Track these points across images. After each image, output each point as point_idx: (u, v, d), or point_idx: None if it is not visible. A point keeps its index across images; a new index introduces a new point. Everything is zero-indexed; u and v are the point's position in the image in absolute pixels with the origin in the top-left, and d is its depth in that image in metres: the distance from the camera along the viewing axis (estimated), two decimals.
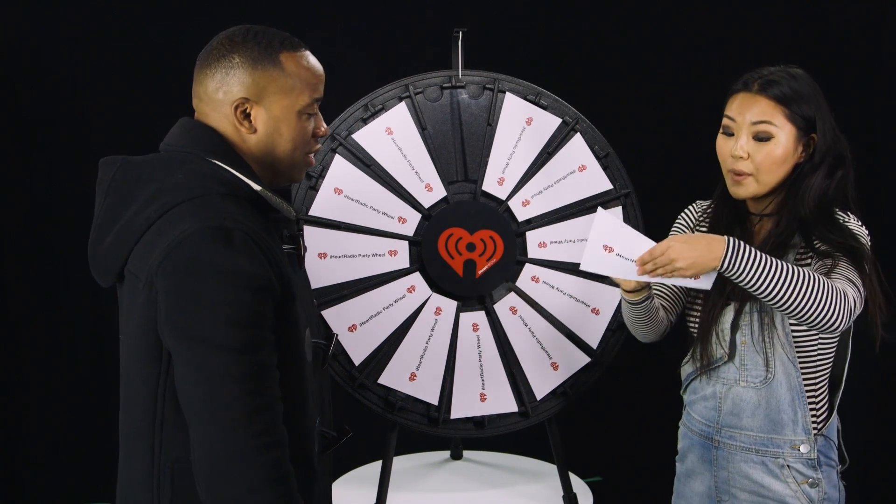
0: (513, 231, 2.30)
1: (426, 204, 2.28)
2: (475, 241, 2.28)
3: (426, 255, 2.26)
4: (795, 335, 1.83)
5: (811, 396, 1.85)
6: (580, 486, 2.44)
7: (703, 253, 1.70)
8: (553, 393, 2.32)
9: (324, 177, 2.24)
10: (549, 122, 2.34)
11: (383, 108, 2.29)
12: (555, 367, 2.32)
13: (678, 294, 2.04)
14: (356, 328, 2.24)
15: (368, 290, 2.25)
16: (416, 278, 2.28)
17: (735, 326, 1.86)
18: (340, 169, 2.25)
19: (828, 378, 1.89)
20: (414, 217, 2.27)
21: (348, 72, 2.98)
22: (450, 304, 2.29)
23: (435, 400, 2.28)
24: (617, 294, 2.32)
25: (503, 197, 2.31)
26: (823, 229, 1.81)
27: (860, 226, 1.86)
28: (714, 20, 3.12)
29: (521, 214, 2.31)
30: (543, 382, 2.32)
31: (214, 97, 1.49)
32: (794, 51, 3.15)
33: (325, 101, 1.60)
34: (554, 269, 2.33)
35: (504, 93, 2.33)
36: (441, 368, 2.28)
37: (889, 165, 3.19)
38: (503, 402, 2.30)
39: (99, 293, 2.88)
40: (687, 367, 2.00)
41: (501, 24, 3.07)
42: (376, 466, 2.44)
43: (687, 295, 2.02)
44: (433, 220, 2.27)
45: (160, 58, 2.93)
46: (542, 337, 2.32)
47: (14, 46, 2.90)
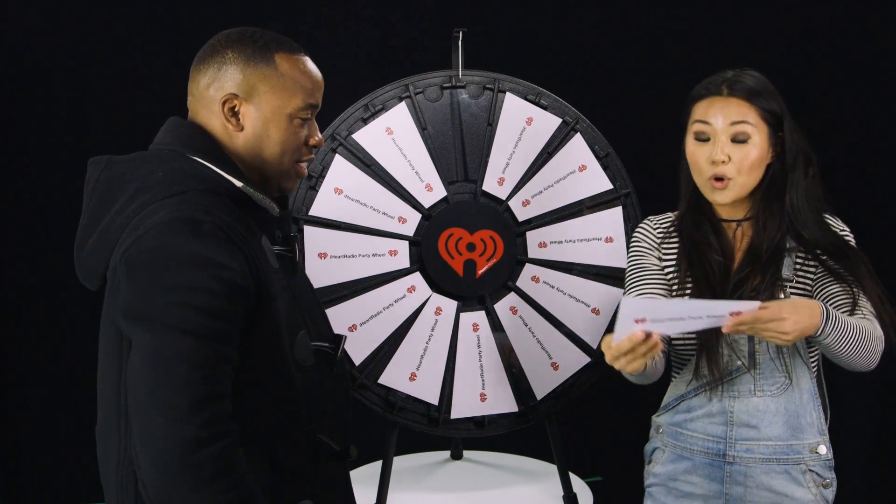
0: (513, 231, 2.30)
1: (426, 204, 2.28)
2: (475, 241, 2.28)
3: (426, 255, 2.26)
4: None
5: (819, 395, 1.84)
6: (580, 486, 2.44)
7: (807, 320, 1.63)
8: (553, 393, 2.33)
9: (324, 177, 2.24)
10: (549, 122, 2.34)
11: (383, 108, 2.29)
12: (555, 367, 2.32)
13: None
14: (356, 328, 2.24)
15: (368, 290, 2.25)
16: (417, 278, 2.28)
17: (757, 338, 1.78)
18: (340, 169, 2.25)
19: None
20: (414, 217, 2.28)
21: (348, 72, 2.98)
22: (450, 304, 2.29)
23: (435, 400, 2.28)
24: (617, 294, 2.31)
25: (503, 197, 2.31)
26: (819, 233, 1.80)
27: (844, 227, 1.87)
28: (714, 20, 3.12)
29: (522, 214, 2.31)
30: (543, 382, 2.32)
31: (206, 93, 1.46)
32: (794, 51, 3.15)
33: (325, 100, 1.57)
34: (554, 269, 2.33)
35: (504, 93, 2.33)
36: (441, 368, 2.28)
37: (887, 164, 3.19)
38: (503, 402, 2.30)
39: (96, 295, 2.88)
40: (679, 386, 1.88)
41: (501, 24, 3.07)
42: (376, 466, 2.44)
43: None
44: (433, 220, 2.27)
45: (159, 58, 2.93)
46: (542, 337, 2.32)
47: (14, 46, 2.90)
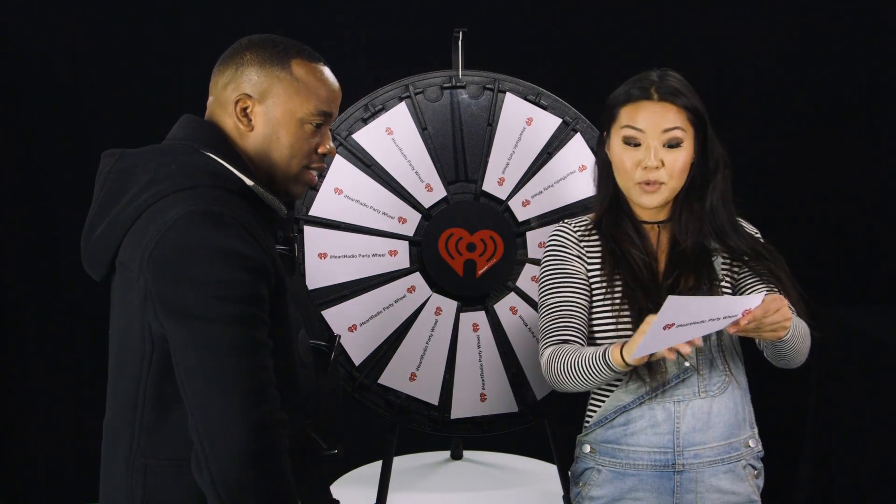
0: (513, 231, 2.30)
1: (426, 204, 2.28)
2: (475, 241, 2.28)
3: (426, 256, 2.26)
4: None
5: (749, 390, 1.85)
6: None
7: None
8: (553, 393, 2.32)
9: (324, 177, 2.24)
10: (549, 122, 2.34)
11: (383, 109, 2.29)
12: None
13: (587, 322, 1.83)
14: (356, 328, 2.24)
15: (368, 291, 2.25)
16: (417, 278, 2.28)
17: (703, 337, 1.72)
18: (341, 169, 2.25)
19: None
20: (414, 217, 2.27)
21: (348, 72, 2.97)
22: (450, 305, 2.29)
23: (435, 400, 2.28)
24: None
25: (503, 197, 2.31)
26: (735, 234, 1.81)
27: (755, 230, 1.89)
28: (715, 20, 3.12)
29: (522, 214, 2.31)
30: (543, 382, 2.32)
31: (223, 93, 1.49)
32: (793, 52, 3.15)
33: None
34: None
35: (504, 93, 2.33)
36: (441, 369, 2.28)
37: (887, 163, 3.20)
38: (503, 402, 2.30)
39: (98, 292, 2.88)
40: (620, 397, 1.78)
41: (501, 24, 3.07)
42: (376, 466, 2.44)
43: (590, 321, 1.82)
44: (433, 220, 2.27)
45: (160, 58, 2.93)
46: None
47: (14, 45, 2.89)
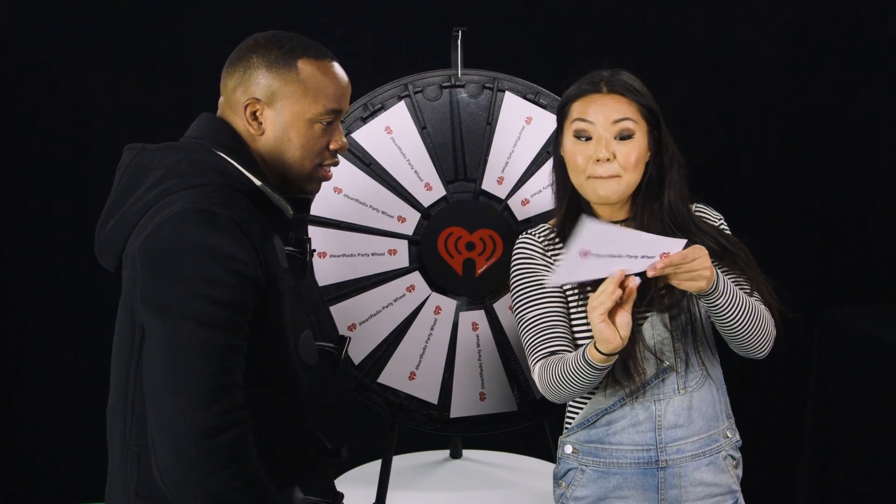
0: (512, 230, 2.30)
1: (426, 203, 2.28)
2: (474, 240, 2.28)
3: (426, 255, 2.26)
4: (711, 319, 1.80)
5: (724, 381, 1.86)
6: None
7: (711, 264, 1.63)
8: None
9: None
10: (548, 121, 2.33)
11: (382, 108, 2.29)
12: None
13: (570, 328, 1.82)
14: (356, 327, 2.24)
15: (368, 290, 2.25)
16: (416, 277, 2.28)
17: (675, 335, 1.77)
18: (340, 168, 2.21)
19: None
20: (413, 216, 2.27)
21: (347, 71, 2.97)
22: (449, 304, 2.29)
23: (434, 399, 2.28)
24: None
25: (503, 196, 2.31)
26: (697, 230, 1.79)
27: (719, 216, 1.89)
28: (714, 19, 3.12)
29: (521, 213, 2.31)
30: None
31: (232, 96, 1.50)
32: (792, 50, 3.15)
33: None
34: None
35: (503, 92, 2.33)
36: (441, 368, 2.28)
37: (886, 162, 3.20)
38: (503, 401, 2.30)
39: (99, 292, 2.88)
40: (601, 401, 1.78)
41: (501, 22, 3.07)
42: (376, 465, 2.44)
43: (571, 326, 1.81)
44: (433, 219, 2.27)
45: (159, 56, 2.93)
46: None
47: (14, 45, 2.89)
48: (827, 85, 3.16)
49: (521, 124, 2.33)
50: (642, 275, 1.60)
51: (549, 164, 2.31)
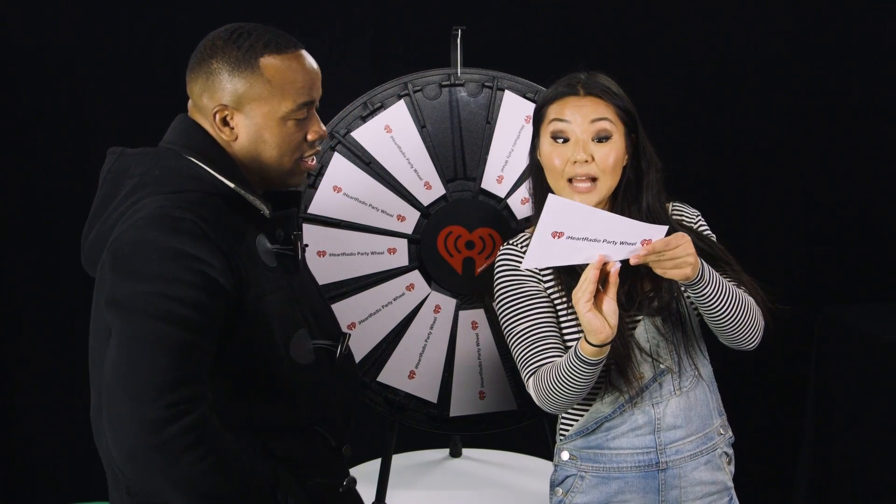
0: (512, 229, 2.30)
1: (425, 202, 2.28)
2: (474, 239, 2.28)
3: (425, 253, 2.26)
4: (699, 317, 1.81)
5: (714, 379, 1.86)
6: None
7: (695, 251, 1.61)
8: None
9: (322, 175, 2.24)
10: None
11: (382, 106, 2.29)
12: None
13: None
14: (355, 326, 2.24)
15: (367, 288, 2.25)
16: (416, 276, 2.28)
17: (667, 336, 1.76)
18: (339, 167, 2.25)
19: None
20: (413, 215, 2.28)
21: (347, 70, 2.98)
22: (449, 302, 2.29)
23: (434, 398, 2.28)
24: None
25: (502, 195, 2.31)
26: (683, 229, 1.75)
27: (696, 212, 1.87)
28: (713, 17, 3.12)
29: (521, 212, 2.31)
30: None
31: (200, 101, 1.47)
32: (792, 48, 3.15)
33: (323, 100, 1.56)
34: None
35: (503, 90, 2.33)
36: (440, 366, 2.28)
37: (886, 161, 3.19)
38: (502, 399, 2.30)
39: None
40: (600, 409, 1.76)
41: (500, 21, 3.07)
42: (375, 464, 2.44)
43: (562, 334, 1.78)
44: (432, 217, 2.27)
45: (158, 55, 2.93)
46: None
47: (13, 44, 2.89)
48: (827, 82, 3.16)
49: (520, 123, 2.33)
50: (625, 263, 1.58)
51: None
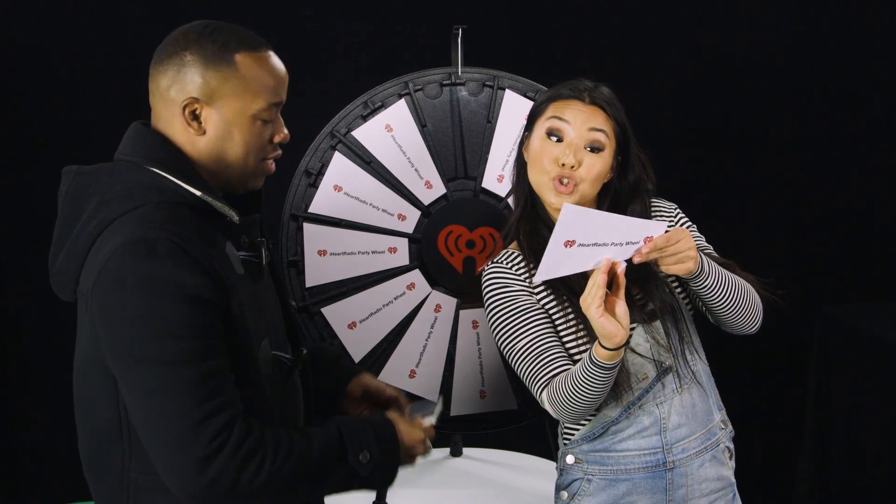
0: None
1: (426, 201, 2.28)
2: (475, 239, 2.28)
3: (426, 253, 2.26)
4: (694, 315, 1.82)
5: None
6: None
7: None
8: None
9: (323, 174, 2.24)
10: None
11: (383, 106, 2.29)
12: None
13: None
14: (356, 325, 2.24)
15: (368, 288, 2.25)
16: (416, 275, 2.28)
17: (666, 336, 1.76)
18: (340, 166, 2.25)
19: None
20: (414, 214, 2.27)
21: (348, 68, 2.98)
22: (449, 302, 2.29)
23: (435, 397, 2.28)
24: None
25: (503, 194, 2.31)
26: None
27: (673, 205, 1.89)
28: (714, 17, 3.12)
29: None
30: None
31: (167, 95, 1.43)
32: (792, 47, 3.15)
33: (324, 97, 1.56)
34: None
35: (504, 90, 2.33)
36: (441, 366, 2.28)
37: (886, 160, 3.20)
38: (503, 399, 2.30)
39: None
40: (607, 414, 1.76)
41: (501, 20, 3.07)
42: None
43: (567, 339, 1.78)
44: (433, 217, 2.27)
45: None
46: None
47: (14, 44, 2.89)
48: (828, 82, 3.16)
49: (521, 122, 2.32)
50: (629, 263, 1.59)
51: None
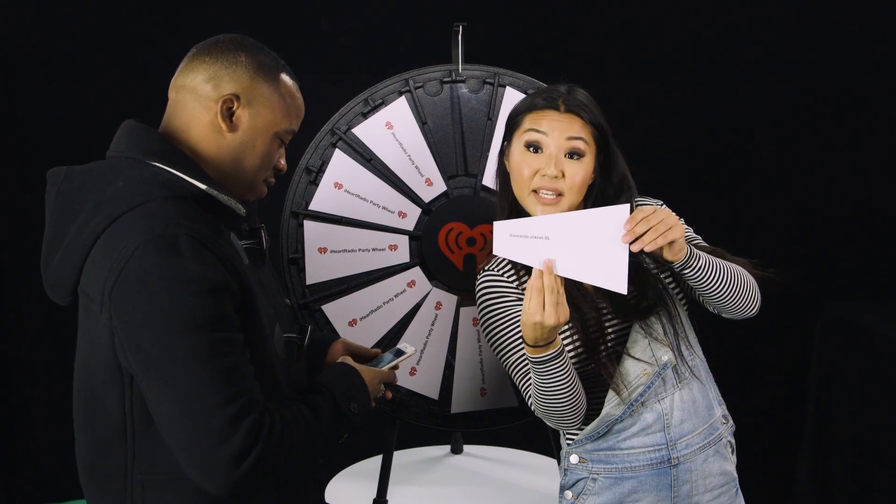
0: None
1: (426, 198, 2.28)
2: (475, 236, 2.28)
3: (426, 250, 2.26)
4: (690, 310, 1.80)
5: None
6: None
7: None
8: None
9: (324, 171, 2.24)
10: None
11: (383, 103, 2.28)
12: None
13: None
14: (356, 323, 2.24)
15: (368, 285, 2.25)
16: (417, 273, 2.28)
17: (662, 332, 1.74)
18: (340, 163, 2.25)
19: None
20: (414, 211, 2.27)
21: (348, 66, 2.98)
22: (450, 299, 2.29)
23: (435, 395, 2.28)
24: None
25: None
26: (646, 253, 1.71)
27: (657, 202, 1.85)
28: (714, 14, 3.12)
29: None
30: None
31: (201, 88, 1.44)
32: (793, 45, 3.15)
33: (324, 95, 1.59)
34: None
35: (504, 87, 2.33)
36: (441, 363, 2.28)
37: (887, 157, 3.20)
38: (503, 396, 2.30)
39: None
40: (610, 412, 1.74)
41: (501, 17, 3.07)
42: (377, 461, 2.44)
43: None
44: (433, 214, 2.27)
45: (159, 56, 2.92)
46: None
47: (14, 44, 2.89)
48: (828, 80, 3.16)
49: None
50: (633, 258, 1.55)
51: None
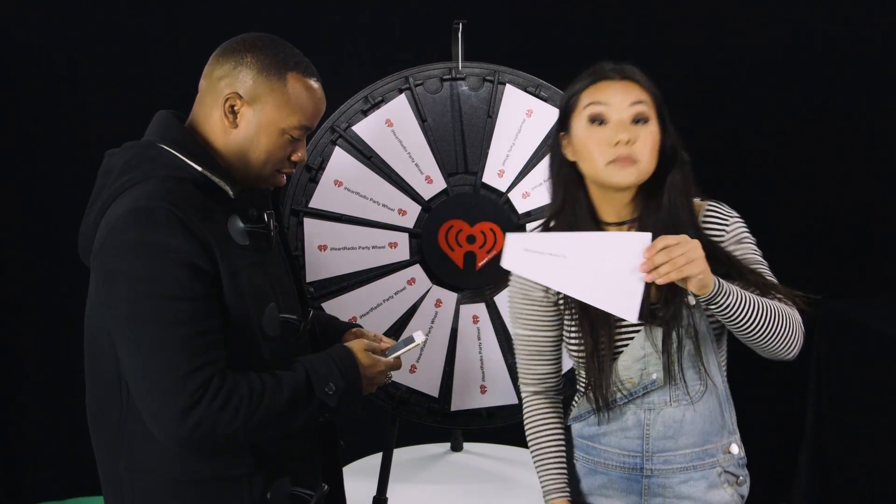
0: (513, 223, 2.30)
1: (426, 196, 2.28)
2: (475, 233, 2.28)
3: (426, 248, 2.26)
4: (717, 336, 1.70)
5: (729, 394, 1.76)
6: None
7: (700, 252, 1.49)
8: None
9: (324, 169, 2.24)
10: (549, 114, 2.33)
11: (383, 100, 2.28)
12: None
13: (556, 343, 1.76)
14: (356, 320, 2.24)
15: (368, 282, 2.25)
16: (417, 270, 2.28)
17: (667, 347, 1.66)
18: (340, 161, 2.25)
19: None
20: (414, 209, 2.27)
21: (348, 64, 2.97)
22: (450, 297, 2.29)
23: (435, 392, 2.28)
24: None
25: (503, 189, 2.31)
26: (700, 235, 1.63)
27: (728, 219, 1.74)
28: (718, 13, 3.12)
29: (522, 206, 2.31)
30: None
31: (217, 85, 1.54)
32: (793, 44, 3.15)
33: (324, 92, 1.60)
34: None
35: (504, 84, 2.33)
36: (441, 361, 2.28)
37: (888, 154, 3.19)
38: (503, 394, 2.30)
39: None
40: (586, 403, 1.73)
41: (501, 15, 3.07)
42: (377, 458, 2.44)
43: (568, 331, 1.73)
44: (433, 212, 2.27)
45: (159, 55, 2.93)
46: None
47: (14, 44, 2.89)
48: (829, 80, 3.15)
49: (521, 117, 2.32)
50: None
51: (548, 158, 2.31)
